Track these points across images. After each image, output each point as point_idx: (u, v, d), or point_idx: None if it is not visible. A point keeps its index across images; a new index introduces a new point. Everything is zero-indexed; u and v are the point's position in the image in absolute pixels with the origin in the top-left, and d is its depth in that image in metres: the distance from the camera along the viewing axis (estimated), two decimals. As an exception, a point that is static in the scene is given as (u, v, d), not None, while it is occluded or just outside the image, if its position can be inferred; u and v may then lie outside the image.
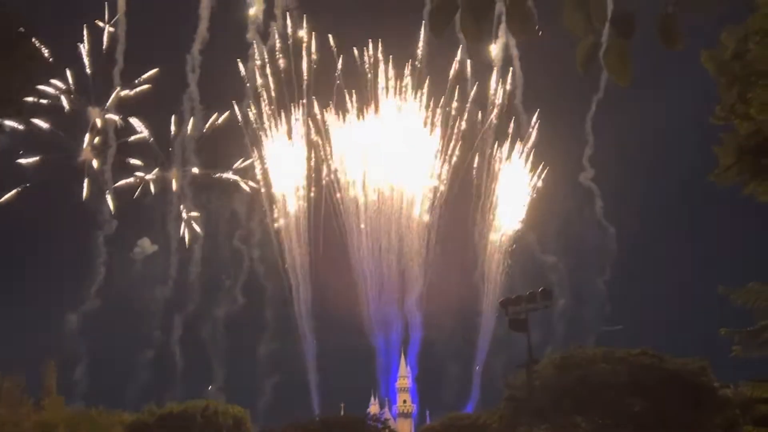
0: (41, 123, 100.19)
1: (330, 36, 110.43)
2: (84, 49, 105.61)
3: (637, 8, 2.54)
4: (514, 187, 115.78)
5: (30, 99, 33.69)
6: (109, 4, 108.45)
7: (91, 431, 61.65)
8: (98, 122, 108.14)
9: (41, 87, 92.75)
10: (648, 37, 2.57)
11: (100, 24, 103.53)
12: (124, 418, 70.72)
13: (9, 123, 32.73)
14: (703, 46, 14.12)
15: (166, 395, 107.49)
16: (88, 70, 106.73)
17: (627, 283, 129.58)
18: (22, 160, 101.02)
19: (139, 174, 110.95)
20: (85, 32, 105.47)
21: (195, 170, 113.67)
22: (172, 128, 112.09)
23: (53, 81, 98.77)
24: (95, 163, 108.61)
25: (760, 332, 14.46)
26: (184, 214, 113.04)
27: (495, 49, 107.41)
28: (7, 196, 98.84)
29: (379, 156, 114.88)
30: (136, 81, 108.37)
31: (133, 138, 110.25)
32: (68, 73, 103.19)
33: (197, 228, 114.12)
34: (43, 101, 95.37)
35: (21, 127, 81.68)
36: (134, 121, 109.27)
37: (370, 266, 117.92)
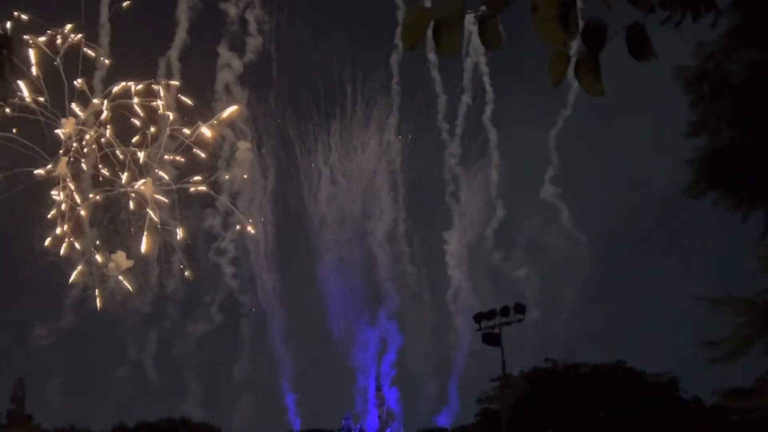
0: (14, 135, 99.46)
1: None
2: (59, 58, 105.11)
3: (609, 19, 2.56)
4: (481, 203, 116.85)
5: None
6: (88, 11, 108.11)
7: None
8: (68, 134, 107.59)
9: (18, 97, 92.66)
10: (621, 49, 2.59)
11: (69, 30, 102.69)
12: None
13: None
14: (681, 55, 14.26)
15: (140, 412, 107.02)
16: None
17: (601, 292, 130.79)
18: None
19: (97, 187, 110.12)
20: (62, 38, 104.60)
21: (170, 182, 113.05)
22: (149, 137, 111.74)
23: (21, 93, 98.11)
24: (69, 180, 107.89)
25: (731, 342, 14.59)
26: (159, 227, 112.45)
27: (466, 66, 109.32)
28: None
29: (343, 172, 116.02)
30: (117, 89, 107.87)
31: (107, 150, 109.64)
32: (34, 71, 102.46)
33: (174, 241, 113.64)
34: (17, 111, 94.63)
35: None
36: (108, 132, 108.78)
37: (339, 284, 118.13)
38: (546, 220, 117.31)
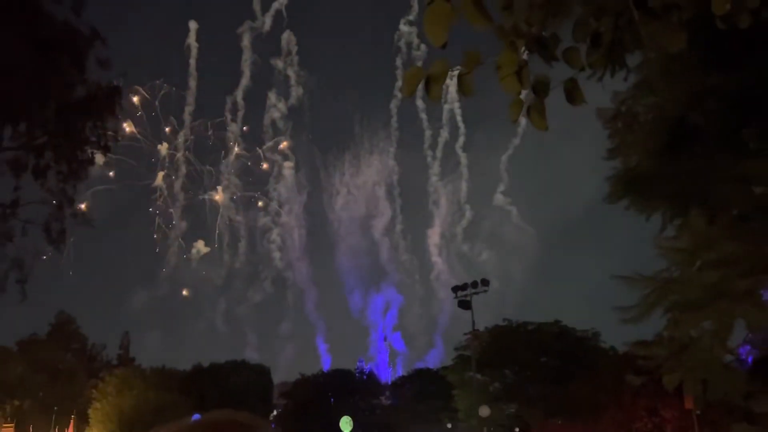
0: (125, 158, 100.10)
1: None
2: (157, 101, 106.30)
3: (552, 75, 2.59)
4: (454, 208, 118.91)
5: (118, 140, 33.57)
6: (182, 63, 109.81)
7: (149, 385, 60.63)
8: (163, 156, 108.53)
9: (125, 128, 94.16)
10: (560, 96, 2.61)
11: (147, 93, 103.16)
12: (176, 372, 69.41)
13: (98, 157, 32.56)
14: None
15: (212, 355, 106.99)
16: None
17: (543, 270, 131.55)
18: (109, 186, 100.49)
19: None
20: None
21: (236, 191, 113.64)
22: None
23: (128, 125, 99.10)
24: (164, 188, 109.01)
25: (638, 307, 14.57)
26: (228, 223, 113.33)
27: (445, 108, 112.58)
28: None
29: (355, 186, 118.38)
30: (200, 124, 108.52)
31: (192, 168, 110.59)
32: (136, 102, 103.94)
33: (239, 233, 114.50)
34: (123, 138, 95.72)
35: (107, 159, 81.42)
36: (192, 155, 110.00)
37: (352, 267, 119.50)
38: (501, 218, 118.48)
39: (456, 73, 2.61)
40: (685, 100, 12.33)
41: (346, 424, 41.74)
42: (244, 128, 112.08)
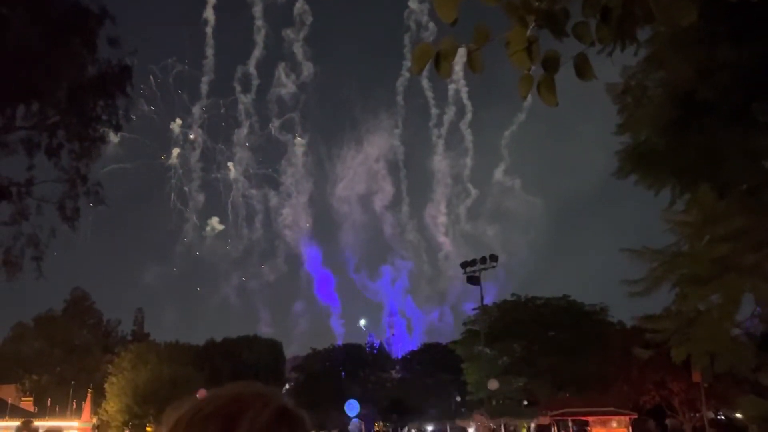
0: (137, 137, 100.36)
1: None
2: (171, 79, 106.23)
3: (562, 50, 2.58)
4: (459, 187, 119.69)
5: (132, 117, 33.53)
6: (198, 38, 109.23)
7: (163, 360, 61.29)
8: (177, 133, 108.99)
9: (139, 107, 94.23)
10: (570, 72, 2.60)
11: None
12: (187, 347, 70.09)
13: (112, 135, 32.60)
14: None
15: (225, 331, 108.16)
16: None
17: (555, 246, 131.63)
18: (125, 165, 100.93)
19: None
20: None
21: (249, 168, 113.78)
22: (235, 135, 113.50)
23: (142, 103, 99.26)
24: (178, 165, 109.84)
25: (645, 281, 14.56)
26: (242, 199, 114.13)
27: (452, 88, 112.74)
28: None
29: (361, 168, 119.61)
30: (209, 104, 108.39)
31: (204, 145, 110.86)
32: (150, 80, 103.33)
33: (254, 209, 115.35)
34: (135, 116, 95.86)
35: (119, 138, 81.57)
36: (201, 132, 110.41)
37: (363, 250, 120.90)
38: (508, 194, 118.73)
39: (464, 50, 2.60)
40: (695, 74, 12.20)
41: (351, 408, 41.46)
42: (256, 102, 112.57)
